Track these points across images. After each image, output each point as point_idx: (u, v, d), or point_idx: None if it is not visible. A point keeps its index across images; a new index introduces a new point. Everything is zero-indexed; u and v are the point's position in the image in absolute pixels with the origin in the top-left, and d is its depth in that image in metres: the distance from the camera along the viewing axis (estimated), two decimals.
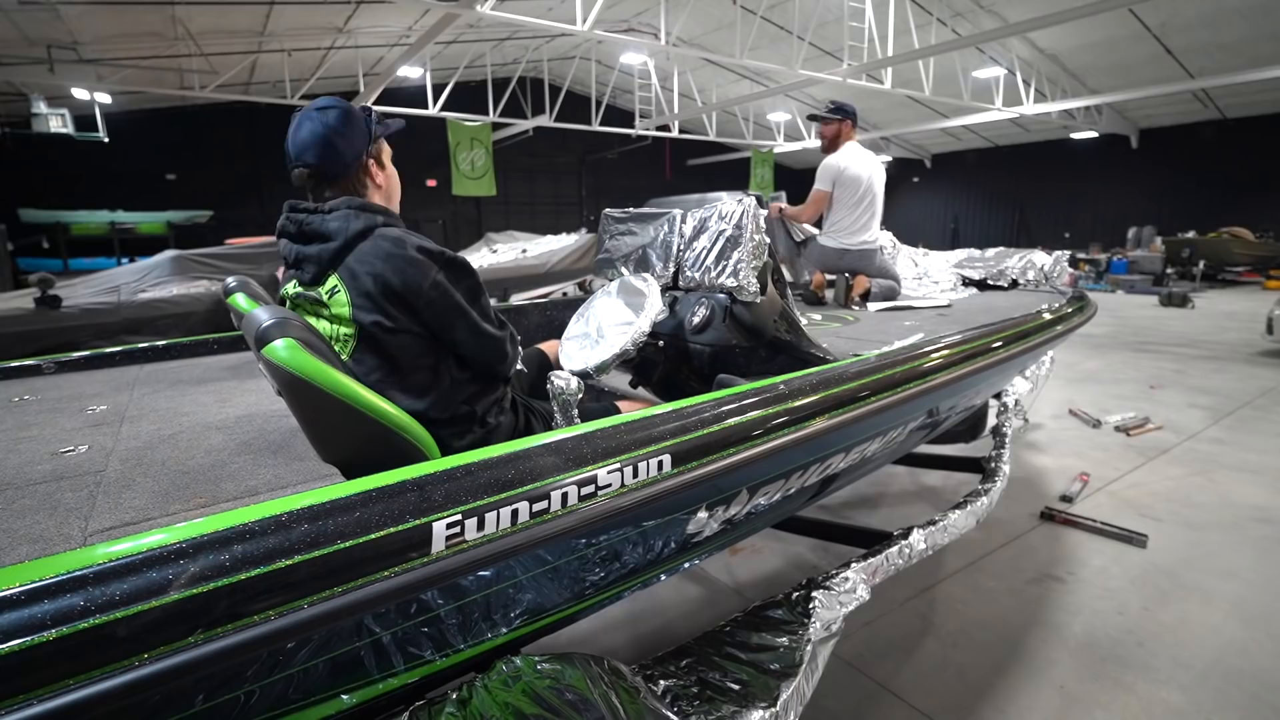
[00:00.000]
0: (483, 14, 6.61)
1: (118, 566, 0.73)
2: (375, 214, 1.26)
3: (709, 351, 1.78)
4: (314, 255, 1.25)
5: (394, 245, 1.21)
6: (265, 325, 1.16)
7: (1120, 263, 12.86)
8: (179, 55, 9.69)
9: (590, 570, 1.15)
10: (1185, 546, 2.49)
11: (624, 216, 2.24)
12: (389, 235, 1.23)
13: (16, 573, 0.70)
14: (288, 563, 0.80)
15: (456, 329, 1.27)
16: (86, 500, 1.27)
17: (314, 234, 1.25)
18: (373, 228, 1.24)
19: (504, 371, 1.38)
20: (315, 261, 1.25)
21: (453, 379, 1.31)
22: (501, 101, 12.57)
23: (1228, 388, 4.79)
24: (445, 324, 1.26)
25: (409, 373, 1.26)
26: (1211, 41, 10.11)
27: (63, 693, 0.66)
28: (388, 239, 1.22)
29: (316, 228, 1.25)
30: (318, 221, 1.26)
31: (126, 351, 2.49)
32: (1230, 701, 1.70)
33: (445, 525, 0.91)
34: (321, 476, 1.38)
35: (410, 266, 1.20)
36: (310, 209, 1.29)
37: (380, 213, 1.28)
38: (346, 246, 1.22)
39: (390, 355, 1.25)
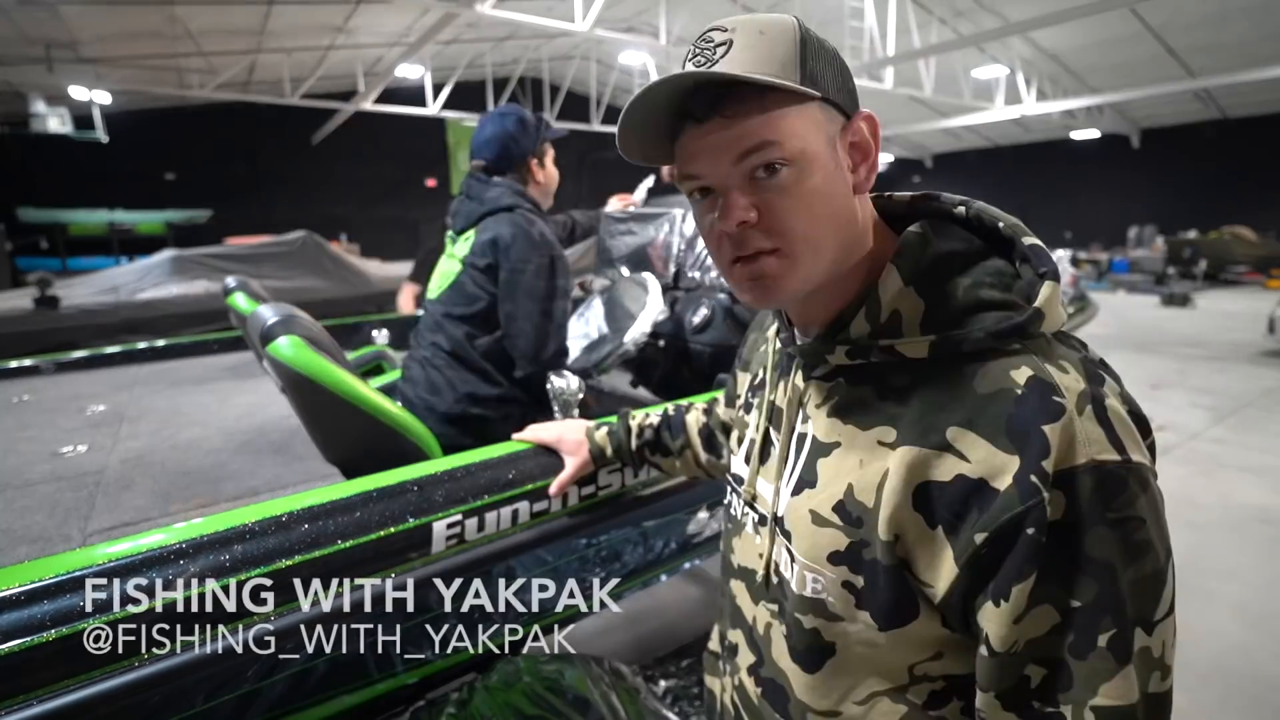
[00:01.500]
0: (483, 14, 6.60)
1: (117, 567, 0.73)
2: (525, 200, 1.50)
3: (709, 351, 1.77)
4: (467, 211, 1.51)
5: (525, 221, 1.44)
6: (270, 323, 1.16)
7: (1121, 262, 12.85)
8: (178, 54, 9.68)
9: (590, 570, 1.15)
10: (1187, 547, 2.49)
11: (624, 216, 2.24)
12: (526, 214, 1.45)
13: (16, 573, 0.70)
14: (288, 563, 0.79)
15: (516, 303, 1.41)
16: (86, 500, 1.27)
17: (475, 196, 1.51)
18: (517, 207, 1.47)
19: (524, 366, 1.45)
20: (466, 216, 1.51)
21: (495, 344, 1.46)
22: (501, 101, 12.56)
23: (1229, 388, 4.79)
24: (509, 294, 1.41)
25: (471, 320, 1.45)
26: (1213, 41, 10.09)
27: (63, 693, 0.66)
28: (523, 216, 1.45)
29: (479, 193, 1.51)
30: (481, 188, 1.52)
31: (126, 351, 2.48)
32: (1232, 703, 1.70)
33: (445, 525, 0.91)
34: (321, 476, 1.38)
35: (523, 239, 1.40)
36: (482, 178, 1.54)
37: (530, 201, 1.51)
38: (491, 211, 1.46)
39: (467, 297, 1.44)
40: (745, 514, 0.65)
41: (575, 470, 1.00)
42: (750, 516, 0.64)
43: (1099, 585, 0.41)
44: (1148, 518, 0.42)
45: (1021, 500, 0.42)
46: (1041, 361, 0.46)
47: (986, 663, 0.45)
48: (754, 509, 0.63)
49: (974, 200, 0.55)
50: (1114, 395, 0.46)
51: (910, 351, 0.49)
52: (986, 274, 0.51)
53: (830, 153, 0.51)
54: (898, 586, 0.48)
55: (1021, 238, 0.51)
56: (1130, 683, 0.41)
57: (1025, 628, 0.43)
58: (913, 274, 0.52)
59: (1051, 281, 0.47)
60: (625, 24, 11.18)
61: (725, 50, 0.49)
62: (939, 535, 0.46)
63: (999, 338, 0.46)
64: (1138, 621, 0.42)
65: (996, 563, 0.43)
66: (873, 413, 0.51)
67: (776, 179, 0.49)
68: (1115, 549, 0.41)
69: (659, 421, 0.96)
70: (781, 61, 0.49)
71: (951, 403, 0.46)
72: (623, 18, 10.98)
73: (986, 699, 0.46)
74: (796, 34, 0.50)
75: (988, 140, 18.05)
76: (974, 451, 0.44)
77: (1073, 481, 0.42)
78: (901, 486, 0.47)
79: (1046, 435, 0.42)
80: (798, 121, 0.49)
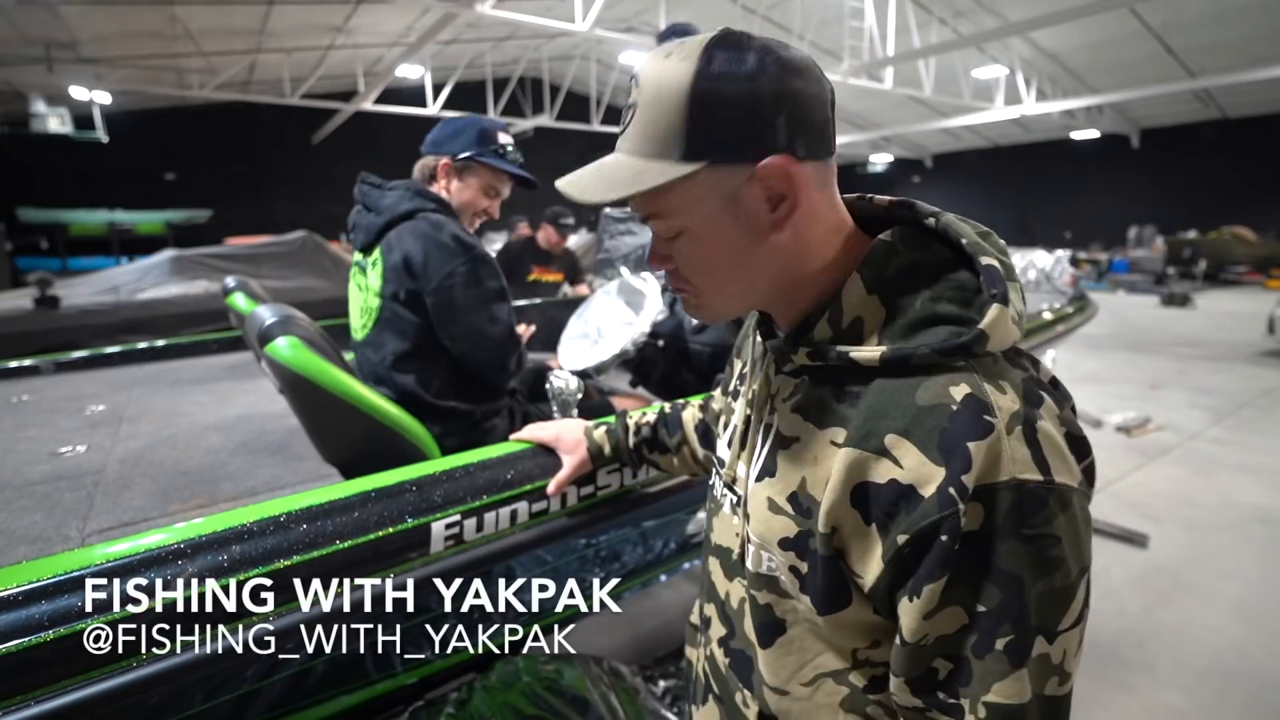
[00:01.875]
0: (483, 14, 6.60)
1: (117, 567, 0.73)
2: (429, 201, 1.34)
3: (709, 351, 1.77)
4: (365, 225, 1.35)
5: (431, 228, 1.29)
6: (268, 324, 1.16)
7: (1121, 262, 12.85)
8: (178, 54, 9.68)
9: (590, 570, 1.15)
10: (1186, 547, 2.49)
11: (624, 216, 2.24)
12: (431, 219, 1.30)
13: (15, 573, 0.70)
14: (287, 563, 0.80)
15: (456, 324, 1.27)
16: (85, 500, 1.27)
17: (372, 206, 1.36)
18: (419, 211, 1.31)
19: (499, 382, 1.36)
20: (365, 231, 1.35)
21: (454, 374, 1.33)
22: (501, 101, 12.56)
23: (1229, 388, 4.79)
24: (445, 317, 1.27)
25: (412, 357, 1.30)
26: (1213, 41, 10.10)
27: (62, 693, 0.66)
28: (428, 221, 1.30)
29: (373, 201, 1.37)
30: (375, 196, 1.38)
31: (125, 351, 2.48)
32: (1231, 701, 1.70)
33: (444, 525, 0.91)
34: (321, 476, 1.38)
35: (435, 252, 1.26)
36: (375, 184, 1.41)
37: (436, 201, 1.35)
38: (390, 224, 1.31)
39: (401, 334, 1.30)
40: (724, 494, 0.68)
41: (573, 469, 1.01)
42: (729, 497, 0.67)
43: (1003, 594, 0.44)
44: (1064, 536, 0.45)
45: (939, 509, 0.45)
46: (981, 380, 0.48)
47: (899, 651, 0.49)
48: (733, 490, 0.66)
49: (945, 213, 0.56)
50: (1050, 417, 0.48)
51: (863, 359, 0.52)
52: (949, 288, 0.53)
53: (728, 211, 0.52)
54: (833, 575, 0.52)
55: (980, 257, 0.52)
56: (1023, 684, 0.45)
57: (935, 624, 0.46)
58: (876, 282, 0.54)
59: (999, 305, 0.49)
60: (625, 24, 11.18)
61: (630, 115, 0.53)
62: (873, 531, 0.49)
63: (944, 354, 0.49)
64: (1040, 630, 0.45)
65: (915, 563, 0.47)
66: (829, 413, 0.54)
67: (677, 243, 0.55)
68: (1025, 563, 0.44)
69: (656, 419, 0.97)
70: (665, 138, 0.50)
71: (894, 411, 0.49)
72: (623, 18, 10.98)
73: (898, 683, 0.50)
74: (684, 96, 0.49)
75: (988, 140, 18.05)
76: (907, 459, 0.47)
77: (992, 496, 0.44)
78: (842, 484, 0.50)
79: (970, 452, 0.44)
80: (679, 197, 0.52)
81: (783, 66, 0.50)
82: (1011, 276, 0.52)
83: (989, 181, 18.40)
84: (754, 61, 0.49)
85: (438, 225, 1.29)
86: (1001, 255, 0.53)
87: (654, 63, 0.51)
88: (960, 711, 0.46)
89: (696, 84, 0.49)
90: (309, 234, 5.28)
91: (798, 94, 0.50)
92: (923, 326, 0.51)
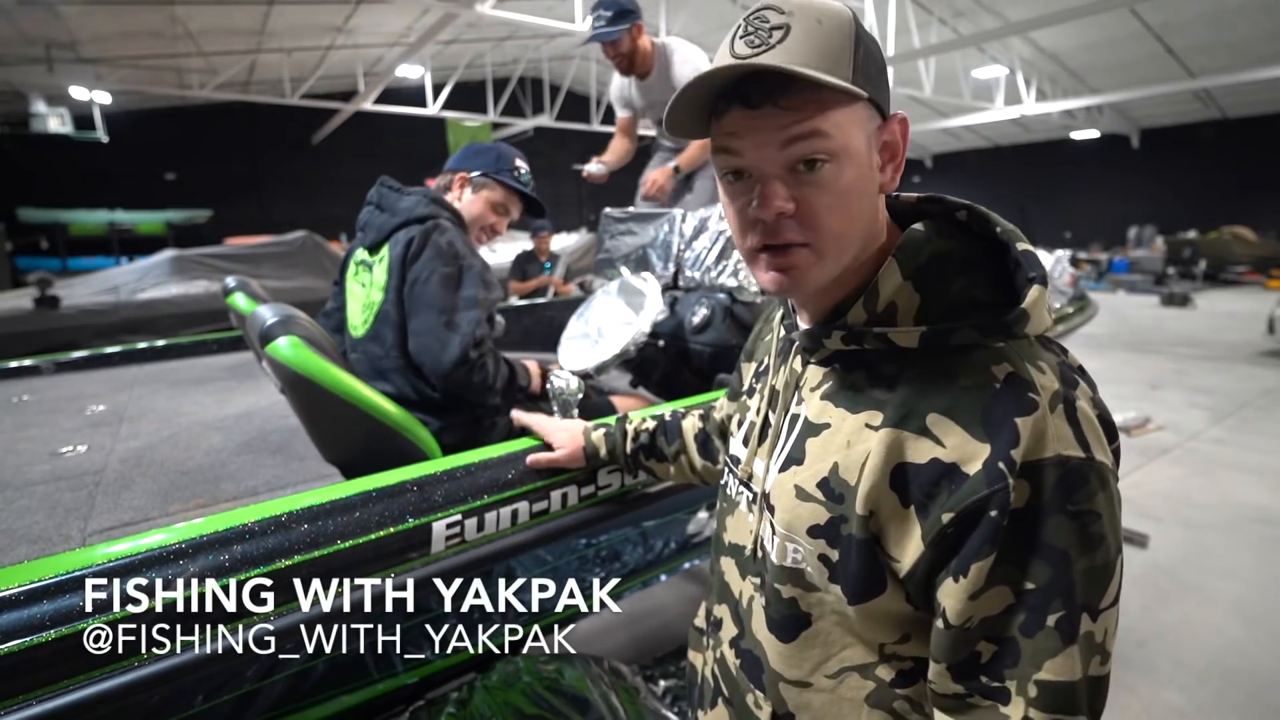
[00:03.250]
0: (483, 14, 6.61)
1: (117, 567, 0.73)
2: (443, 209, 1.40)
3: (709, 351, 1.77)
4: (377, 224, 1.41)
5: (436, 231, 1.34)
6: (269, 323, 1.16)
7: (1121, 262, 12.85)
8: (178, 54, 9.68)
9: (590, 570, 1.15)
10: (1186, 546, 2.49)
11: (624, 216, 2.24)
12: (443, 225, 1.35)
13: (16, 573, 0.70)
14: (288, 563, 0.80)
15: (417, 317, 1.30)
16: (85, 500, 1.27)
17: (387, 207, 1.42)
18: (432, 217, 1.36)
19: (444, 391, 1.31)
20: (376, 230, 1.40)
21: None
22: (501, 101, 12.56)
23: (1229, 388, 4.79)
24: (412, 309, 1.31)
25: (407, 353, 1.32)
26: (1213, 41, 10.10)
27: (63, 693, 0.66)
28: (439, 227, 1.35)
29: (391, 203, 1.42)
30: (393, 199, 1.43)
31: (126, 351, 2.48)
32: (1230, 701, 1.70)
33: (445, 525, 0.91)
34: (321, 476, 1.38)
35: (429, 250, 1.31)
36: (395, 188, 1.46)
37: (449, 210, 1.41)
38: (404, 223, 1.36)
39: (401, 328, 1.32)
40: (740, 493, 0.68)
41: (560, 457, 1.01)
42: (744, 495, 0.67)
43: (1053, 570, 0.44)
44: (1104, 513, 0.46)
45: (988, 484, 0.45)
46: (1021, 360, 0.48)
47: (941, 635, 0.48)
48: (749, 488, 0.66)
49: (975, 205, 0.57)
50: (1085, 399, 0.49)
51: (901, 340, 0.52)
52: (981, 276, 0.54)
53: (867, 152, 0.52)
54: (868, 561, 0.51)
55: (1015, 243, 0.53)
56: (1074, 662, 0.44)
57: (981, 605, 0.46)
58: (912, 270, 0.54)
59: (1039, 285, 0.49)
60: None
61: (782, 35, 0.49)
62: (910, 514, 0.49)
63: (985, 334, 0.49)
64: (1085, 608, 0.44)
65: (960, 541, 0.46)
66: (863, 397, 0.54)
67: (817, 174, 0.50)
68: (1071, 538, 0.44)
69: (655, 427, 0.97)
70: (836, 57, 0.49)
71: (934, 391, 0.49)
72: None
73: (938, 669, 0.49)
74: (852, 29, 0.50)
75: (988, 140, 18.05)
76: (949, 437, 0.47)
77: (1039, 472, 0.45)
78: (881, 465, 0.50)
79: (1018, 427, 0.45)
80: (845, 118, 0.50)
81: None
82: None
83: (989, 181, 18.40)
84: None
85: (443, 229, 1.34)
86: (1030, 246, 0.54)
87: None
88: (1006, 695, 0.46)
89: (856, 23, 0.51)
90: (309, 234, 5.29)
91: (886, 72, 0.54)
92: (959, 310, 0.52)
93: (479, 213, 1.48)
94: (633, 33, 2.34)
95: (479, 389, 1.31)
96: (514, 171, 1.49)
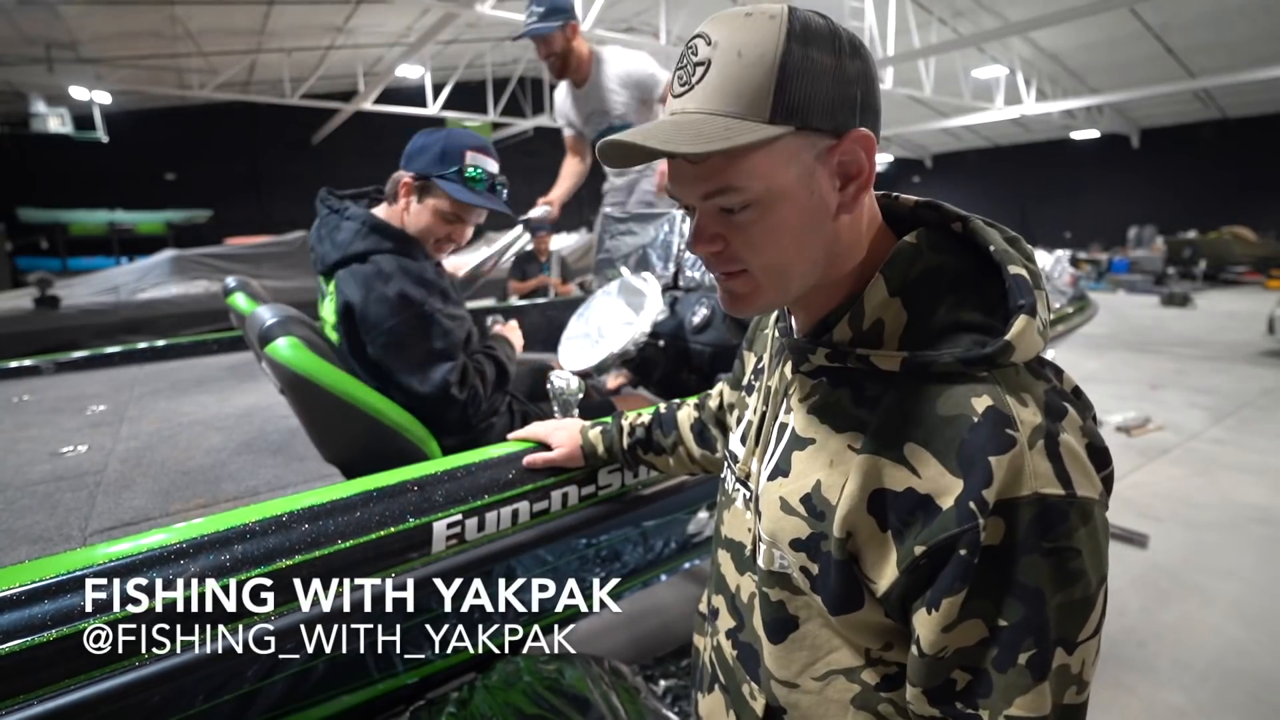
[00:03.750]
0: (483, 14, 6.60)
1: (117, 567, 0.73)
2: (384, 238, 1.26)
3: (709, 351, 1.77)
4: (320, 254, 1.30)
5: (378, 277, 1.21)
6: (268, 324, 1.16)
7: (1121, 262, 12.85)
8: (178, 54, 9.67)
9: (590, 570, 1.15)
10: (1186, 547, 2.49)
11: (624, 216, 2.24)
12: (381, 265, 1.22)
13: (16, 573, 0.70)
14: (288, 563, 0.80)
15: (394, 377, 1.22)
16: (86, 500, 1.27)
17: (327, 235, 1.30)
18: (372, 252, 1.24)
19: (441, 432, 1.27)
20: (321, 259, 1.30)
21: None
22: (501, 101, 12.56)
23: (1229, 388, 4.79)
24: (390, 364, 1.23)
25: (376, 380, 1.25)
26: (1213, 41, 10.09)
27: (63, 693, 0.66)
28: (376, 269, 1.22)
29: (330, 230, 1.29)
30: (331, 224, 1.30)
31: (126, 351, 2.48)
32: (1230, 701, 1.70)
33: (445, 525, 0.91)
34: (322, 476, 1.38)
35: (377, 304, 1.20)
36: (334, 208, 1.32)
37: (391, 238, 1.26)
38: (342, 261, 1.25)
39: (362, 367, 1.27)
40: (737, 489, 0.68)
41: (557, 456, 1.01)
42: (742, 493, 0.67)
43: (1025, 608, 0.44)
44: (1084, 549, 0.45)
45: (958, 523, 0.44)
46: (1004, 393, 0.47)
47: (916, 662, 0.48)
48: (746, 486, 0.66)
49: (973, 216, 0.55)
50: (1072, 429, 0.47)
51: (883, 364, 0.51)
52: (973, 294, 0.52)
53: (804, 183, 0.50)
54: (846, 579, 0.51)
55: (1008, 265, 0.51)
56: (1044, 698, 0.44)
57: (954, 637, 0.46)
58: (900, 286, 0.52)
59: (1026, 316, 0.48)
60: (625, 24, 11.18)
61: (703, 73, 0.49)
62: (888, 539, 0.49)
63: (967, 364, 0.48)
64: (1060, 642, 0.45)
65: (932, 574, 0.46)
66: (847, 417, 0.54)
67: (740, 216, 0.51)
68: (1046, 576, 0.44)
69: (651, 420, 0.97)
70: (751, 96, 0.47)
71: (913, 419, 0.48)
72: (622, 18, 10.97)
73: (915, 693, 0.49)
74: (776, 57, 0.47)
75: (988, 140, 18.05)
76: (926, 469, 0.47)
77: (1014, 511, 0.44)
78: (858, 490, 0.49)
79: (992, 466, 0.44)
80: (764, 162, 0.49)
81: (854, 44, 0.49)
82: (1039, 284, 0.51)
83: (989, 181, 18.40)
84: (833, 34, 0.48)
85: (385, 276, 1.20)
86: (1029, 263, 0.52)
87: (731, 21, 0.49)
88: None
89: (788, 44, 0.47)
90: (309, 234, 5.29)
91: (868, 74, 0.50)
92: (945, 333, 0.50)
93: (427, 226, 1.29)
94: (566, 32, 2.28)
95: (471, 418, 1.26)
96: (462, 169, 1.26)
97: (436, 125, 7.47)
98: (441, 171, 1.25)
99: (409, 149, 1.30)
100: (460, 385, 1.23)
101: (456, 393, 1.22)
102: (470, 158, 1.26)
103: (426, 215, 1.29)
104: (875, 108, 0.51)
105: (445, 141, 1.26)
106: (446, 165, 1.25)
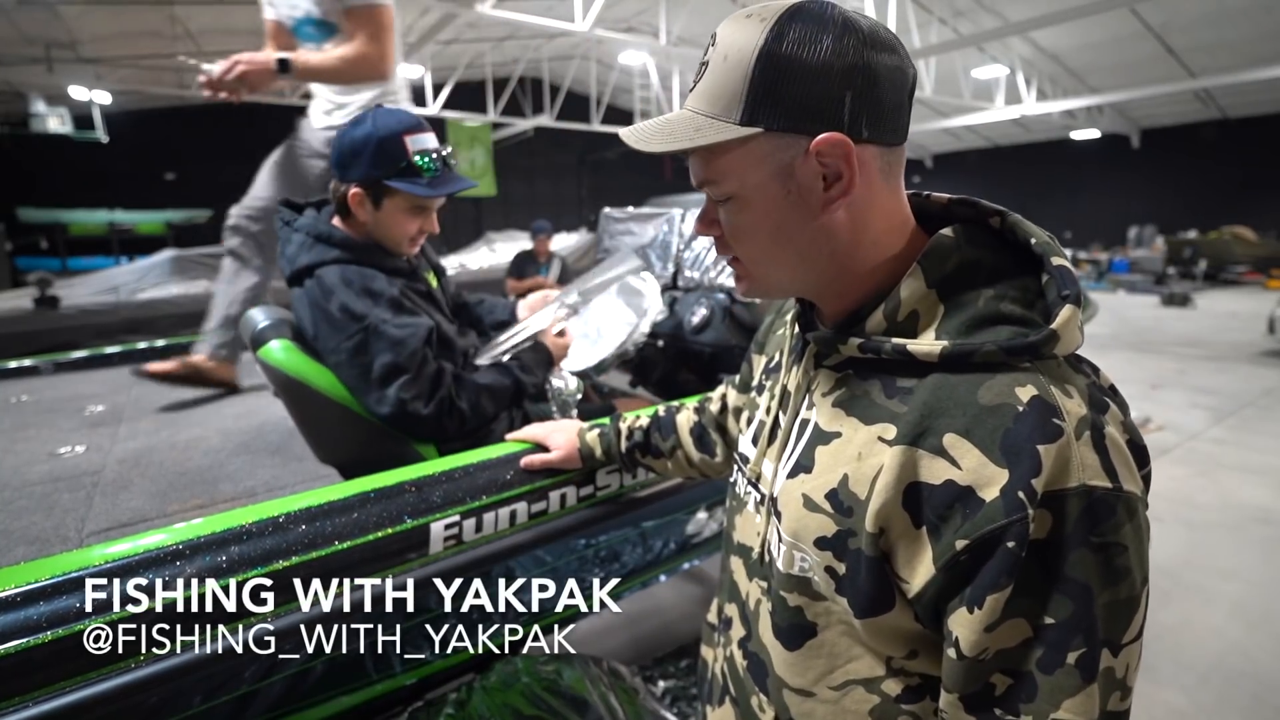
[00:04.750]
0: (483, 14, 6.61)
1: (116, 567, 0.72)
2: (329, 247, 1.18)
3: (709, 351, 1.77)
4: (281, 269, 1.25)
5: (321, 294, 1.15)
6: (261, 326, 1.16)
7: (1121, 262, 12.84)
8: (178, 54, 9.68)
9: (589, 570, 1.15)
10: (1187, 547, 2.48)
11: (624, 216, 2.24)
12: (325, 280, 1.15)
13: (14, 574, 0.70)
14: (286, 563, 0.79)
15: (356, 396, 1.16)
16: (83, 501, 1.26)
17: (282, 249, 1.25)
18: (317, 265, 1.17)
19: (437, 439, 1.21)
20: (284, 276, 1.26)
21: None
22: (501, 101, 12.55)
23: (1229, 388, 4.79)
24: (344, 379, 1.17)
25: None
26: (1213, 41, 10.09)
27: (62, 693, 0.66)
28: (322, 284, 1.15)
29: (283, 242, 1.24)
30: (285, 236, 1.24)
31: (126, 351, 2.48)
32: (1232, 703, 1.70)
33: (443, 526, 0.91)
34: (319, 477, 1.38)
35: (325, 323, 1.15)
36: (287, 219, 1.25)
37: (336, 246, 1.18)
38: (294, 277, 1.21)
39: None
40: (748, 492, 0.67)
41: (555, 458, 1.01)
42: (752, 495, 0.65)
43: (1074, 605, 0.42)
44: (1130, 545, 0.43)
45: (1005, 514, 0.43)
46: (1048, 383, 0.46)
47: (954, 665, 0.46)
48: (756, 488, 0.65)
49: (1010, 212, 0.55)
50: (1115, 424, 0.47)
51: (922, 354, 0.49)
52: (1011, 288, 0.51)
53: (779, 181, 0.51)
54: (877, 578, 0.50)
55: (1050, 257, 0.51)
56: (1093, 700, 0.42)
57: (996, 637, 0.44)
58: (937, 277, 0.52)
59: (1072, 305, 0.47)
60: (625, 24, 11.19)
61: (703, 73, 0.52)
62: (922, 535, 0.47)
63: (1010, 353, 0.47)
64: (1106, 643, 0.43)
65: (974, 570, 0.44)
66: (877, 408, 0.52)
67: (724, 208, 0.55)
68: (1094, 571, 0.43)
69: (649, 423, 0.96)
70: (727, 99, 0.50)
71: (953, 409, 0.47)
72: (622, 18, 10.99)
73: (950, 699, 0.47)
74: (750, 62, 0.48)
75: (988, 140, 18.04)
76: (966, 459, 0.45)
77: (1062, 503, 0.42)
78: (894, 483, 0.48)
79: (1040, 455, 0.43)
80: (736, 161, 0.51)
81: (862, 41, 0.48)
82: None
83: (989, 181, 18.38)
84: (831, 33, 0.47)
85: (327, 292, 1.13)
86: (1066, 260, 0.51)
87: (732, 22, 0.50)
88: None
89: (765, 47, 0.48)
90: None
91: (872, 72, 0.48)
92: (984, 324, 0.49)
93: (396, 232, 1.20)
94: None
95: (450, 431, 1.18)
96: (410, 162, 1.15)
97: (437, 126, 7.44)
98: (388, 172, 1.15)
99: (338, 156, 1.17)
100: (427, 399, 1.13)
101: (421, 408, 1.12)
102: (412, 144, 1.15)
103: (390, 220, 1.19)
104: (882, 105, 0.49)
105: (376, 135, 1.14)
106: (391, 163, 1.14)
